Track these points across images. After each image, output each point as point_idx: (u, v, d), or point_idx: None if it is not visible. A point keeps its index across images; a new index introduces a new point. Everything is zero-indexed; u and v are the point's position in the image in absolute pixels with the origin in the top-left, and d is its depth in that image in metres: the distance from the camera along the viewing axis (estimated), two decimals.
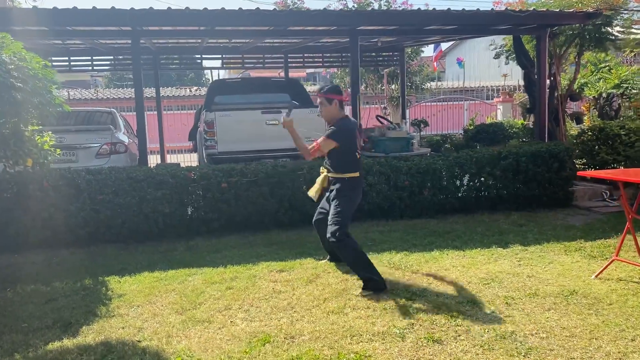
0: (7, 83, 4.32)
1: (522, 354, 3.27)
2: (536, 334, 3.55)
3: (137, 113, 7.75)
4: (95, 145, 8.34)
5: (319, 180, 4.94)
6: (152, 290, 4.62)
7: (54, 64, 11.60)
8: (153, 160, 13.21)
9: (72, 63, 12.08)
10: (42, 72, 4.79)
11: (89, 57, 12.13)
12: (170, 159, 14.22)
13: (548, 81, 9.13)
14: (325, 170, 4.85)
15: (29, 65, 4.69)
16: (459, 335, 3.56)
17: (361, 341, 3.52)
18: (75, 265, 5.48)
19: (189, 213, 6.59)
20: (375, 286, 4.41)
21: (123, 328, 3.87)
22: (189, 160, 13.59)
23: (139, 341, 3.64)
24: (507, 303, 4.10)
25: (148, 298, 4.45)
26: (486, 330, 3.62)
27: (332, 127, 4.68)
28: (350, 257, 4.55)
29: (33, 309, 4.26)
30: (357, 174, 4.67)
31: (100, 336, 3.73)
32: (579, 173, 4.95)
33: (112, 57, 12.38)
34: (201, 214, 6.54)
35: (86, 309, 4.22)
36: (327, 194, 4.89)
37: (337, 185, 4.65)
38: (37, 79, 4.70)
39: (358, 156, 4.71)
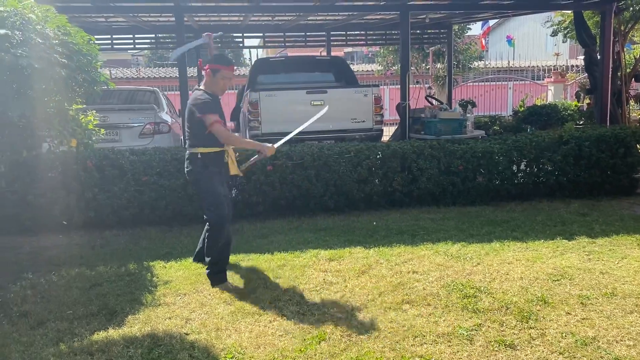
0: (51, 59, 4.09)
1: None
2: (621, 341, 3.19)
3: (181, 92, 7.56)
4: (139, 124, 8.22)
5: (233, 158, 4.53)
6: (199, 277, 4.43)
7: (96, 42, 11.53)
8: None
9: (114, 41, 12.00)
10: (86, 47, 4.57)
11: (131, 35, 12.04)
12: None
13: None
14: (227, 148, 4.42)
15: (73, 40, 4.48)
16: (534, 339, 3.23)
17: (425, 343, 3.23)
18: (119, 248, 5.35)
19: (233, 195, 6.38)
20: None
21: (170, 318, 3.68)
22: None
23: (186, 334, 3.45)
24: (582, 303, 3.73)
25: (195, 286, 4.25)
26: (563, 335, 3.28)
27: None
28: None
29: (78, 295, 4.12)
30: None
31: (146, 327, 3.55)
32: None
33: (153, 35, 12.26)
34: (245, 197, 6.33)
35: (131, 297, 4.05)
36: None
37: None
38: (82, 54, 4.49)
39: None
